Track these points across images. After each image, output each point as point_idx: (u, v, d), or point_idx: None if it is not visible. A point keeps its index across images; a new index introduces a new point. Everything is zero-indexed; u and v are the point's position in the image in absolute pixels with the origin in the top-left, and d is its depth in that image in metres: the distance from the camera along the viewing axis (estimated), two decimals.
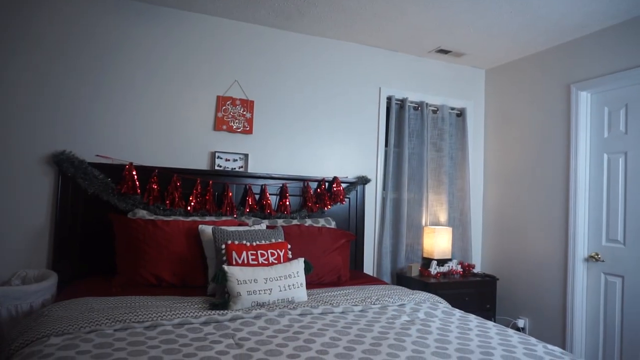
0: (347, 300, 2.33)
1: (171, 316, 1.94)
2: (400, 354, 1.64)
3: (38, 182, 2.79)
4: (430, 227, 3.73)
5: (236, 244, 2.33)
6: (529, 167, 3.73)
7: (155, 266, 2.51)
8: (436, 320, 2.11)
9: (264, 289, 2.15)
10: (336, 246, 2.94)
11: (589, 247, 3.28)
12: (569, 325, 3.28)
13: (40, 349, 1.57)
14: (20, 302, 2.33)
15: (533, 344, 1.83)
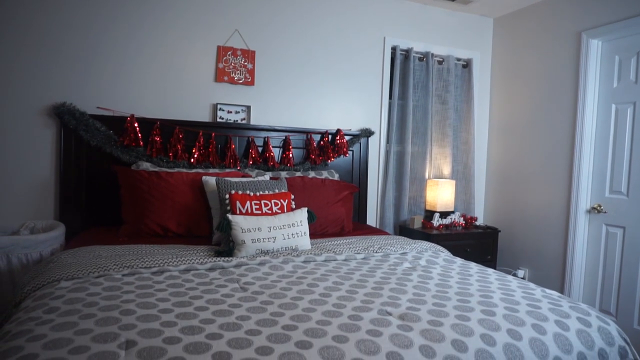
0: (350, 248, 2.37)
1: (177, 262, 1.98)
2: (401, 296, 1.68)
3: (40, 134, 2.78)
4: (433, 180, 3.73)
5: (240, 194, 2.35)
6: (535, 120, 3.68)
7: (161, 216, 2.54)
8: (437, 267, 2.15)
9: (267, 237, 2.18)
10: (339, 198, 2.95)
11: (591, 199, 3.29)
12: (568, 275, 3.34)
13: (52, 291, 1.62)
14: (30, 251, 2.39)
15: (531, 288, 1.86)
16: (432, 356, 1.27)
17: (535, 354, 1.39)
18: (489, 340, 1.38)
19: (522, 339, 1.41)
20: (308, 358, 1.18)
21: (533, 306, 1.63)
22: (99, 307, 1.46)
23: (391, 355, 1.24)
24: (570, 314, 1.60)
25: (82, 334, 1.26)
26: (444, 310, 1.54)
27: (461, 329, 1.41)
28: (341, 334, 1.32)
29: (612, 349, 1.55)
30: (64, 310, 1.43)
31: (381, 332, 1.35)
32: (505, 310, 1.57)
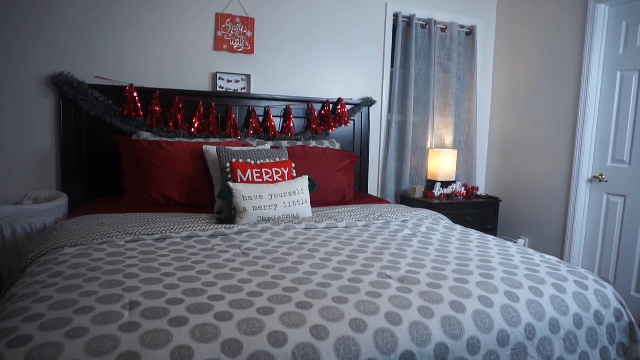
0: (351, 216, 2.38)
1: (179, 230, 2.00)
2: (401, 261, 1.70)
3: (39, 104, 2.76)
4: (435, 150, 3.72)
5: (241, 162, 2.35)
6: (538, 88, 3.63)
7: (162, 186, 2.55)
8: (437, 234, 2.16)
9: (269, 205, 2.20)
10: (340, 167, 2.95)
11: (593, 168, 3.28)
12: (568, 243, 3.36)
13: (56, 257, 1.64)
14: (34, 220, 2.41)
15: (531, 254, 1.88)
16: (430, 317, 1.29)
17: (532, 315, 1.41)
18: (486, 301, 1.40)
19: (520, 301, 1.44)
20: (308, 318, 1.20)
21: (531, 270, 1.65)
22: (103, 271, 1.49)
23: (390, 316, 1.26)
24: (568, 278, 1.62)
25: (86, 295, 1.29)
26: (442, 274, 1.56)
27: (459, 291, 1.43)
28: (341, 296, 1.34)
29: (608, 311, 1.57)
30: (68, 275, 1.46)
31: (380, 294, 1.37)
32: (504, 274, 1.59)
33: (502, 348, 1.33)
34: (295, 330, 1.15)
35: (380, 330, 1.21)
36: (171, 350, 1.04)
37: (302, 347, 1.11)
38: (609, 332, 1.55)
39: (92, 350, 1.01)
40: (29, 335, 1.06)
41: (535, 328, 1.39)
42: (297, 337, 1.13)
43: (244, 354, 1.07)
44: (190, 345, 1.06)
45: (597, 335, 1.52)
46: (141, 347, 1.04)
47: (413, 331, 1.24)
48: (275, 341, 1.11)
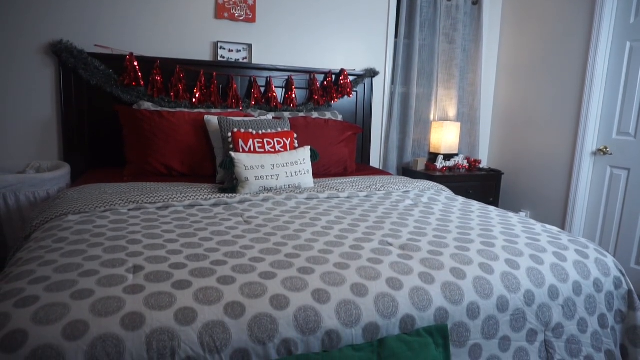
0: (353, 187, 2.38)
1: (182, 198, 2.01)
2: (402, 229, 1.70)
3: (39, 73, 2.73)
4: (438, 122, 3.69)
5: (242, 132, 2.34)
6: (545, 60, 3.56)
7: (164, 156, 2.54)
8: (439, 204, 2.17)
9: (271, 175, 2.19)
10: (342, 138, 2.94)
11: (598, 141, 3.25)
12: (569, 216, 3.37)
13: (60, 224, 1.65)
14: (37, 189, 2.42)
15: (532, 224, 1.88)
16: (431, 282, 1.31)
17: (531, 282, 1.42)
18: (487, 268, 1.41)
19: (520, 268, 1.45)
20: (310, 282, 1.22)
21: (532, 239, 1.66)
22: (106, 237, 1.50)
23: (391, 281, 1.27)
24: (569, 247, 1.63)
25: (90, 260, 1.30)
26: (444, 242, 1.57)
27: (460, 258, 1.44)
28: (343, 262, 1.35)
29: (608, 279, 1.59)
30: (72, 240, 1.47)
31: (382, 260, 1.38)
32: (505, 243, 1.60)
33: (502, 313, 1.35)
34: (297, 294, 1.17)
35: (381, 294, 1.22)
36: (175, 312, 1.06)
37: (303, 310, 1.13)
38: (607, 299, 1.57)
39: (98, 311, 1.03)
40: (36, 296, 1.07)
41: (535, 294, 1.41)
42: (298, 301, 1.15)
43: (247, 316, 1.08)
44: (193, 307, 1.08)
45: (596, 302, 1.54)
46: (145, 309, 1.05)
47: (414, 296, 1.25)
48: (278, 304, 1.13)
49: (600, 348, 1.52)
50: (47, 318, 1.00)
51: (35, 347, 0.94)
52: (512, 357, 1.37)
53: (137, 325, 1.01)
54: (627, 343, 1.59)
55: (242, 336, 1.05)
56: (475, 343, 1.31)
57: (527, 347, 1.40)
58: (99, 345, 0.97)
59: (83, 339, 0.97)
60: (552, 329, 1.44)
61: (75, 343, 0.96)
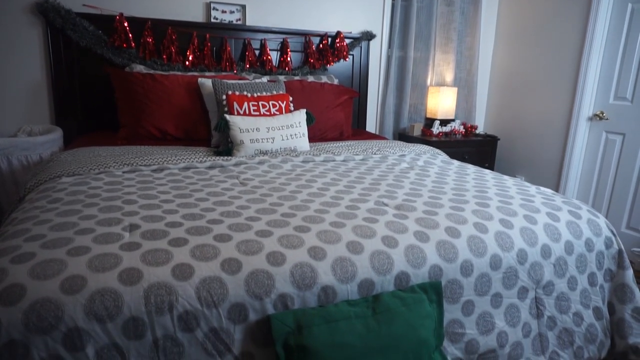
0: (349, 150, 2.37)
1: (177, 161, 1.99)
2: (397, 191, 1.71)
3: (26, 34, 2.65)
4: (435, 87, 3.65)
5: (237, 95, 2.30)
6: (545, 23, 3.50)
7: (158, 119, 2.51)
8: (435, 167, 2.17)
9: (266, 138, 2.18)
10: (339, 102, 2.90)
11: (594, 106, 3.23)
12: (563, 181, 3.39)
13: (54, 186, 1.64)
14: (30, 153, 2.39)
15: (526, 186, 1.89)
16: (425, 241, 1.32)
17: (524, 241, 1.44)
18: (481, 228, 1.42)
19: (513, 228, 1.46)
20: (306, 240, 1.22)
21: (526, 200, 1.67)
22: (102, 198, 1.50)
23: (386, 239, 1.29)
24: (562, 207, 1.65)
25: (86, 219, 1.30)
26: (439, 202, 1.58)
27: (455, 217, 1.45)
28: (338, 221, 1.36)
29: (599, 239, 1.61)
30: (67, 201, 1.46)
31: (377, 219, 1.39)
32: (499, 203, 1.61)
33: (494, 271, 1.37)
34: (294, 251, 1.18)
35: (377, 252, 1.24)
36: (172, 268, 1.07)
37: (300, 267, 1.14)
38: (598, 258, 1.60)
39: (95, 267, 1.04)
40: (32, 252, 1.08)
41: (527, 253, 1.43)
42: (295, 257, 1.16)
43: (244, 272, 1.09)
44: (190, 264, 1.09)
45: (587, 261, 1.57)
46: (143, 264, 1.06)
47: (408, 254, 1.27)
48: (274, 260, 1.14)
49: (588, 305, 1.56)
50: (44, 273, 1.00)
51: (34, 300, 0.95)
52: (504, 313, 1.41)
53: (134, 280, 1.02)
54: (614, 300, 1.63)
55: (239, 291, 1.07)
56: (468, 299, 1.34)
57: (518, 303, 1.43)
58: (97, 299, 0.98)
59: (81, 293, 0.98)
60: (543, 287, 1.47)
61: (74, 297, 0.97)
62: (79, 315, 0.96)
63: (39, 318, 0.93)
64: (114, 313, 0.98)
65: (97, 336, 0.97)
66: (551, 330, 1.49)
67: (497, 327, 1.39)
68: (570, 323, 1.51)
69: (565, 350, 1.51)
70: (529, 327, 1.45)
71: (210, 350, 1.05)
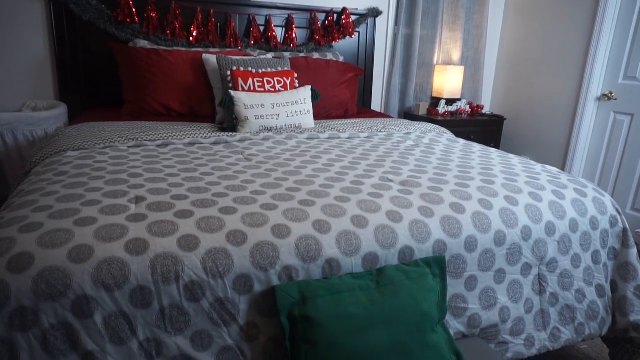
0: (354, 128, 2.36)
1: (181, 136, 1.99)
2: (403, 167, 1.70)
3: (28, 8, 2.62)
4: (441, 66, 3.60)
5: (242, 71, 2.28)
6: (555, 0, 3.42)
7: (162, 95, 2.49)
8: (440, 145, 2.16)
9: (271, 114, 2.17)
10: (344, 80, 2.87)
11: (603, 86, 3.19)
12: (569, 162, 3.37)
13: (60, 159, 1.65)
14: (35, 128, 2.40)
15: (532, 164, 1.88)
16: (430, 216, 1.32)
17: (529, 218, 1.44)
18: (486, 204, 1.42)
19: (519, 205, 1.46)
20: (311, 213, 1.23)
21: (532, 178, 1.66)
22: (107, 172, 1.50)
23: (391, 214, 1.29)
24: (568, 186, 1.64)
25: (92, 191, 1.31)
26: (444, 179, 1.58)
27: (460, 194, 1.45)
28: (343, 195, 1.36)
29: (604, 217, 1.61)
30: (73, 174, 1.47)
31: (382, 194, 1.39)
32: (505, 180, 1.60)
33: (498, 247, 1.37)
34: (299, 224, 1.18)
35: (381, 226, 1.24)
36: (178, 239, 1.07)
37: (304, 239, 1.15)
38: (602, 237, 1.59)
39: (102, 237, 1.05)
40: (39, 222, 1.08)
41: (532, 230, 1.43)
42: (300, 230, 1.16)
43: (249, 244, 1.10)
44: (196, 235, 1.09)
45: (591, 239, 1.56)
46: (149, 235, 1.07)
47: (413, 229, 1.27)
48: (279, 233, 1.14)
49: (591, 282, 1.57)
50: (52, 242, 1.01)
51: (42, 268, 0.96)
52: (506, 289, 1.41)
53: (141, 250, 1.03)
54: (617, 278, 1.63)
55: (244, 262, 1.08)
56: (472, 275, 1.35)
57: (521, 280, 1.44)
58: (104, 268, 0.99)
59: (89, 262, 0.99)
60: (547, 264, 1.47)
61: (82, 265, 0.98)
62: (86, 283, 0.97)
63: (47, 285, 0.95)
64: (121, 282, 0.99)
65: (105, 304, 0.98)
66: (553, 306, 1.50)
67: (499, 303, 1.40)
68: (572, 300, 1.52)
69: (566, 326, 1.52)
70: (531, 303, 1.46)
71: (215, 319, 1.06)
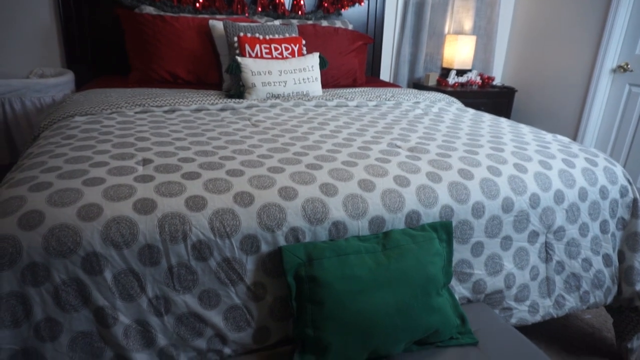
0: (362, 96, 2.33)
1: (188, 103, 1.98)
2: (411, 134, 1.69)
3: None
4: (452, 35, 3.52)
5: (249, 37, 2.25)
6: None
7: (169, 62, 2.47)
8: (449, 114, 2.13)
9: (278, 81, 2.14)
10: (353, 48, 2.82)
11: (619, 57, 3.11)
12: (581, 135, 3.32)
13: (67, 124, 1.65)
14: (42, 95, 2.40)
15: (543, 134, 1.86)
16: (438, 181, 1.31)
17: (538, 186, 1.43)
18: (494, 171, 1.41)
19: (528, 172, 1.45)
20: (318, 177, 1.22)
21: (542, 147, 1.64)
22: (115, 135, 1.50)
23: (398, 179, 1.28)
24: (579, 155, 1.61)
25: (100, 153, 1.31)
26: (452, 146, 1.56)
27: (468, 160, 1.43)
28: (350, 160, 1.35)
29: (614, 187, 1.59)
30: (81, 137, 1.47)
31: (390, 160, 1.38)
32: (514, 148, 1.58)
33: (506, 214, 1.37)
34: (306, 186, 1.18)
35: (388, 190, 1.24)
36: (185, 199, 1.08)
37: (311, 202, 1.15)
38: (611, 206, 1.58)
39: (110, 196, 1.05)
40: (49, 182, 1.09)
41: (540, 198, 1.42)
42: (307, 193, 1.16)
43: (256, 205, 1.11)
44: (203, 196, 1.10)
45: (600, 208, 1.55)
46: (156, 195, 1.08)
47: (420, 193, 1.26)
48: (286, 195, 1.14)
49: (598, 252, 1.56)
50: (61, 201, 1.02)
51: (53, 226, 0.97)
52: (513, 256, 1.42)
53: (148, 209, 1.04)
54: (625, 248, 1.62)
55: (251, 223, 1.08)
56: (478, 241, 1.35)
57: (528, 247, 1.44)
58: (113, 226, 1.00)
59: (97, 220, 1.00)
60: (554, 232, 1.47)
61: (91, 224, 0.99)
62: (96, 241, 0.98)
63: (58, 242, 0.96)
64: (129, 240, 1.00)
65: (114, 261, 1.00)
66: (559, 274, 1.50)
67: (505, 269, 1.40)
68: (578, 268, 1.52)
69: (571, 294, 1.53)
70: (537, 270, 1.46)
71: (223, 279, 1.08)
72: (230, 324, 1.10)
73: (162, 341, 1.05)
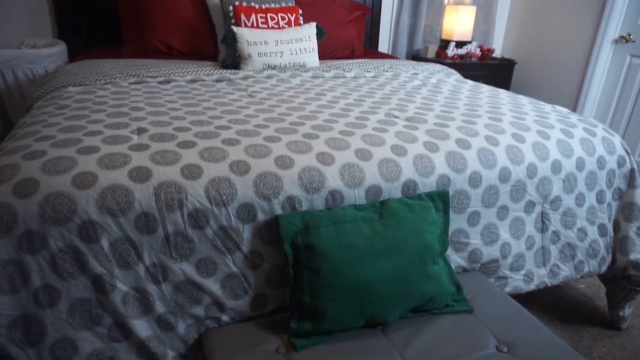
0: (360, 67, 2.30)
1: (183, 73, 1.95)
2: (409, 105, 1.67)
3: None
4: (452, 6, 3.45)
5: (244, 6, 2.20)
6: None
7: (163, 33, 2.42)
8: (448, 85, 2.11)
9: (275, 52, 2.11)
10: (350, 18, 2.77)
11: (622, 27, 3.06)
12: (580, 105, 3.30)
13: (61, 94, 1.63)
14: (35, 66, 2.36)
15: (542, 104, 1.84)
16: (435, 151, 1.31)
17: (535, 156, 1.42)
18: (492, 140, 1.40)
19: (525, 142, 1.44)
20: (314, 146, 1.22)
21: (541, 117, 1.63)
22: (109, 105, 1.48)
23: (395, 148, 1.27)
24: (577, 125, 1.60)
25: (94, 123, 1.30)
26: (450, 116, 1.55)
27: (466, 130, 1.42)
28: (348, 130, 1.34)
29: (612, 157, 1.58)
30: (74, 107, 1.46)
31: (387, 129, 1.37)
32: (512, 118, 1.57)
33: (503, 184, 1.37)
34: (302, 155, 1.17)
35: (385, 159, 1.23)
36: (181, 167, 1.07)
37: (308, 170, 1.14)
38: (608, 177, 1.58)
39: (105, 164, 1.05)
40: (43, 150, 1.08)
41: (537, 167, 1.41)
42: (303, 162, 1.16)
43: (252, 174, 1.10)
44: (199, 164, 1.09)
45: (597, 179, 1.55)
46: (152, 164, 1.07)
47: (417, 163, 1.26)
48: (282, 164, 1.14)
49: (594, 222, 1.57)
50: (55, 169, 1.01)
51: (48, 194, 0.97)
52: (509, 225, 1.42)
53: (144, 178, 1.03)
54: (620, 218, 1.63)
55: (247, 192, 1.08)
56: (475, 210, 1.35)
57: (524, 217, 1.44)
58: (108, 194, 0.99)
59: (93, 188, 0.99)
60: (550, 202, 1.47)
61: (86, 192, 0.99)
62: (91, 208, 0.98)
63: (53, 210, 0.96)
64: (125, 208, 1.00)
65: (111, 229, 1.00)
66: (554, 244, 1.51)
67: (501, 239, 1.41)
68: (573, 238, 1.53)
69: (566, 263, 1.55)
70: (533, 240, 1.47)
71: (220, 247, 1.08)
72: (228, 291, 1.11)
73: (160, 308, 1.06)
